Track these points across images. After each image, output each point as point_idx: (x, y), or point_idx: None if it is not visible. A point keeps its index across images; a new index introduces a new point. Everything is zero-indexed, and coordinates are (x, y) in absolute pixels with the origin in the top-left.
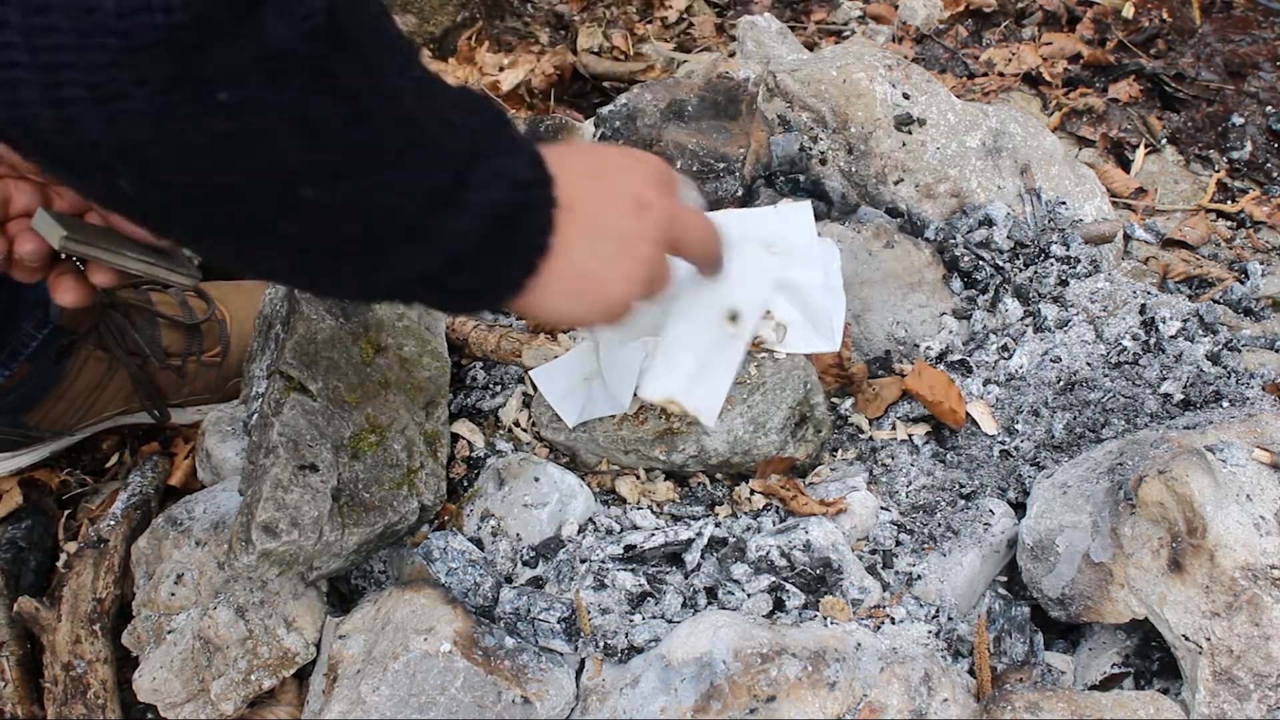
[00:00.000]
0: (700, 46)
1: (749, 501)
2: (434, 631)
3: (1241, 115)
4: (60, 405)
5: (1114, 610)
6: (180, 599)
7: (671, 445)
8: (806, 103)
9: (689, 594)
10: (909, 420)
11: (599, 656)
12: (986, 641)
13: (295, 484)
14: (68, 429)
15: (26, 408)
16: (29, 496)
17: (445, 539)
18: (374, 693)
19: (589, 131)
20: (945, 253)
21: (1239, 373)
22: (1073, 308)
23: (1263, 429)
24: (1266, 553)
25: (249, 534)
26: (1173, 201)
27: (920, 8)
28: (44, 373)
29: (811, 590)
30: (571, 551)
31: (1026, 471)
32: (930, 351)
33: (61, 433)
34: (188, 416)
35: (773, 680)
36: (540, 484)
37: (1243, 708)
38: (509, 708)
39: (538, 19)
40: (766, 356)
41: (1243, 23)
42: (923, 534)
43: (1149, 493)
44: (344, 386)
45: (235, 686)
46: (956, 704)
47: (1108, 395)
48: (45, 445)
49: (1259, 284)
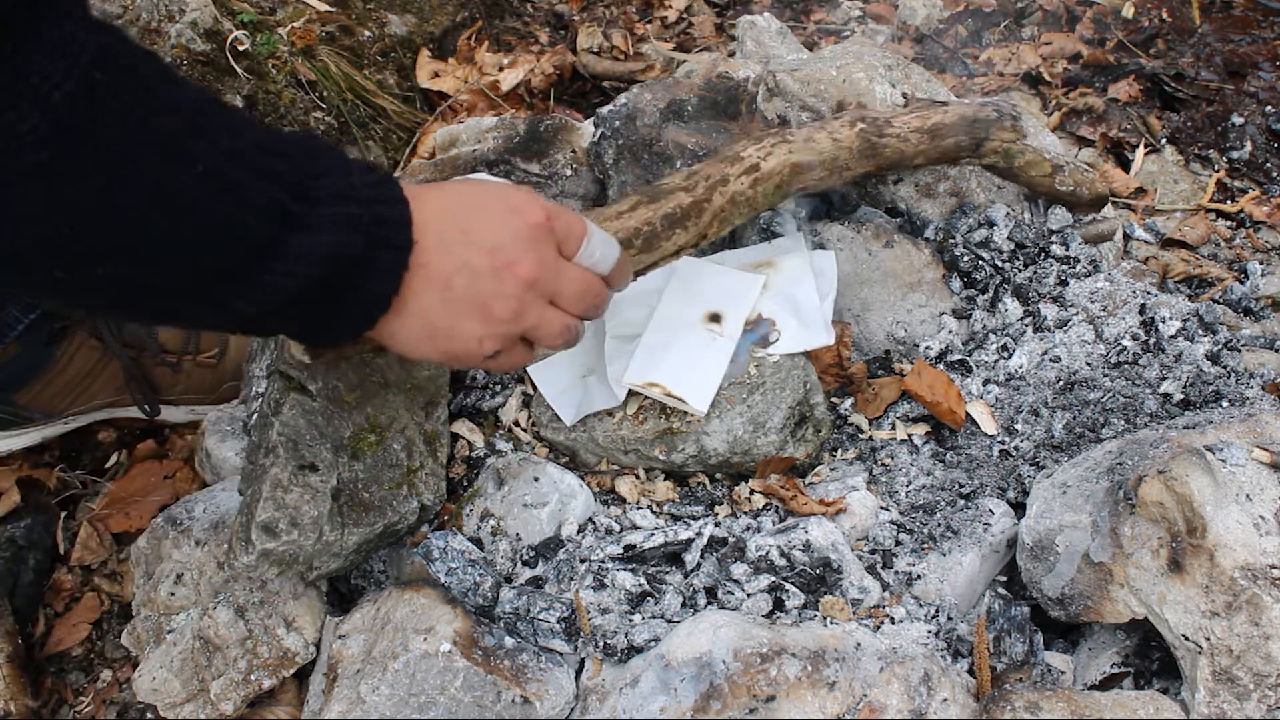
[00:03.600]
0: (700, 46)
1: (749, 501)
2: (434, 631)
3: (1241, 115)
4: (50, 389)
5: (1114, 610)
6: (180, 599)
7: (671, 445)
8: (806, 102)
9: (689, 594)
10: (909, 420)
11: (599, 656)
12: (986, 641)
13: (295, 484)
14: (58, 413)
15: (15, 387)
16: (28, 496)
17: (445, 539)
18: (374, 692)
19: (589, 131)
20: (945, 252)
21: (1239, 373)
22: (1072, 308)
23: (1262, 429)
24: (1266, 552)
25: (249, 534)
26: (1172, 201)
27: (920, 7)
28: (34, 354)
29: (811, 590)
30: (571, 551)
31: (1026, 471)
32: (930, 351)
33: (52, 416)
34: (179, 415)
35: (772, 680)
36: (540, 484)
37: (1242, 707)
38: (509, 707)
39: (537, 19)
40: (766, 357)
41: (1243, 23)
42: (922, 534)
43: (1149, 492)
44: (344, 386)
45: (235, 686)
46: (956, 704)
47: (1107, 395)
48: (37, 429)
49: (1259, 284)
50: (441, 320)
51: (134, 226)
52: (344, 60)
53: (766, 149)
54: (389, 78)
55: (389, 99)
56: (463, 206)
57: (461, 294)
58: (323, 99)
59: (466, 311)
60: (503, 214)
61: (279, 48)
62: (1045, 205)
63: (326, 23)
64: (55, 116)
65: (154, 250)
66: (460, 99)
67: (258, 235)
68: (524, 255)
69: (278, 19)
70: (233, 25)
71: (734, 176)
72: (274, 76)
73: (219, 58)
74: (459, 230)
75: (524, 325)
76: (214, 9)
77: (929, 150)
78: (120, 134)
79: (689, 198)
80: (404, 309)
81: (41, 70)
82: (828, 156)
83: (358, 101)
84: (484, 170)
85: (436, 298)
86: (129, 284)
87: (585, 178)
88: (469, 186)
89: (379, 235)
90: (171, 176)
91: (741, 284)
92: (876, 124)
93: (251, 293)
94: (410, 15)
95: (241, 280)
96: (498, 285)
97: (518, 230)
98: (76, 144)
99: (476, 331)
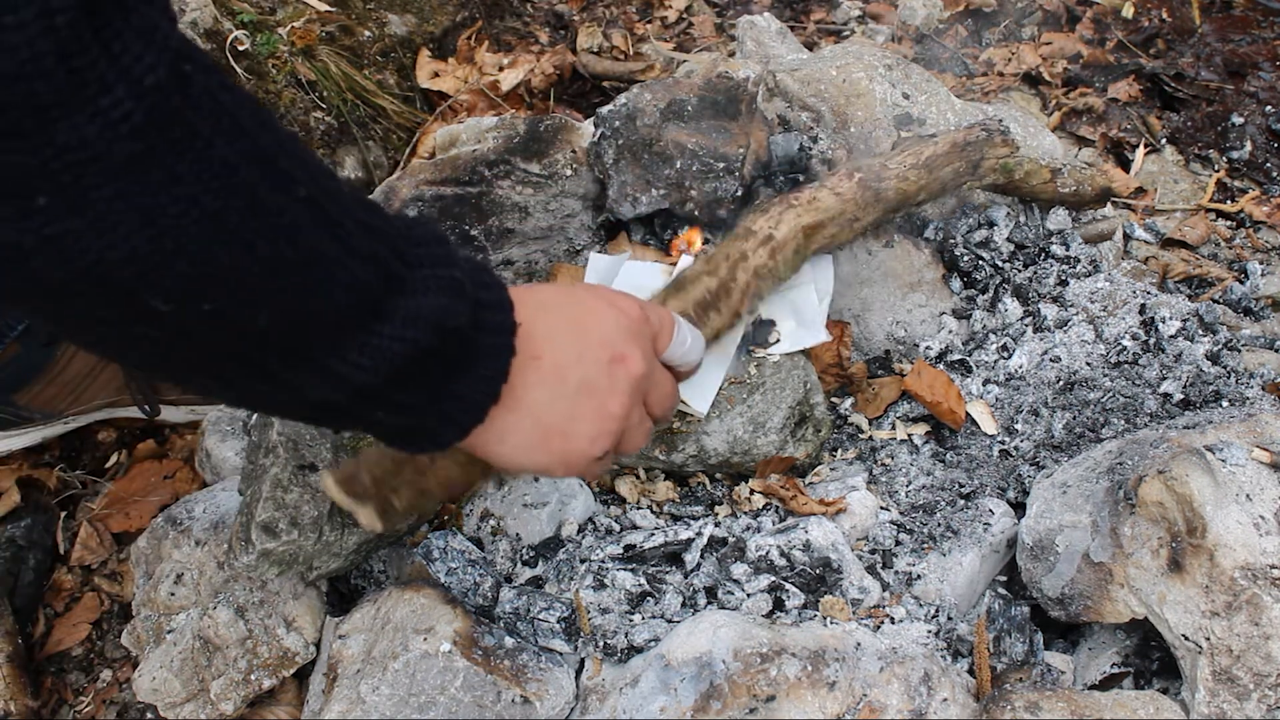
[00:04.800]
0: (700, 46)
1: (749, 501)
2: (434, 631)
3: (1241, 115)
4: (50, 389)
5: (1114, 610)
6: (180, 599)
7: (671, 445)
8: (806, 102)
9: (689, 594)
10: (909, 420)
11: (599, 656)
12: (986, 641)
13: (295, 484)
14: (58, 413)
15: (15, 387)
16: (28, 496)
17: (445, 539)
18: (374, 692)
19: (589, 131)
20: (945, 252)
21: (1239, 372)
22: (1072, 308)
23: (1262, 429)
24: (1266, 552)
25: (249, 534)
26: (1172, 201)
27: (920, 7)
28: (34, 354)
29: (811, 590)
30: (571, 551)
31: (1026, 471)
32: (930, 351)
33: (52, 416)
34: (179, 415)
35: (772, 680)
36: (540, 484)
37: (1242, 707)
38: (509, 707)
39: (537, 19)
40: (766, 357)
41: (1243, 23)
42: (922, 534)
43: (1149, 492)
44: None
45: (235, 686)
46: (956, 704)
47: (1107, 395)
48: (37, 429)
49: (1259, 284)
50: (556, 419)
51: (239, 247)
52: (344, 60)
53: (775, 218)
54: (389, 78)
55: (389, 99)
56: (563, 299)
57: (576, 389)
58: (323, 99)
59: (582, 409)
60: (604, 308)
61: (279, 48)
62: (1046, 207)
63: (326, 23)
64: (150, 103)
65: (259, 281)
66: (460, 99)
67: (363, 282)
68: (633, 349)
69: (278, 19)
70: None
71: (752, 251)
72: (274, 76)
73: (219, 58)
74: (567, 320)
75: (629, 425)
76: (214, 9)
77: (930, 184)
78: (216, 134)
79: (715, 281)
80: (516, 403)
81: (134, 52)
82: (836, 212)
83: (358, 101)
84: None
85: (550, 392)
86: (228, 329)
87: (585, 178)
88: (561, 284)
89: (483, 309)
90: (275, 197)
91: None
92: (874, 170)
93: (356, 357)
94: (410, 15)
95: (346, 336)
96: (612, 380)
97: (620, 323)
98: (174, 139)
99: (591, 430)
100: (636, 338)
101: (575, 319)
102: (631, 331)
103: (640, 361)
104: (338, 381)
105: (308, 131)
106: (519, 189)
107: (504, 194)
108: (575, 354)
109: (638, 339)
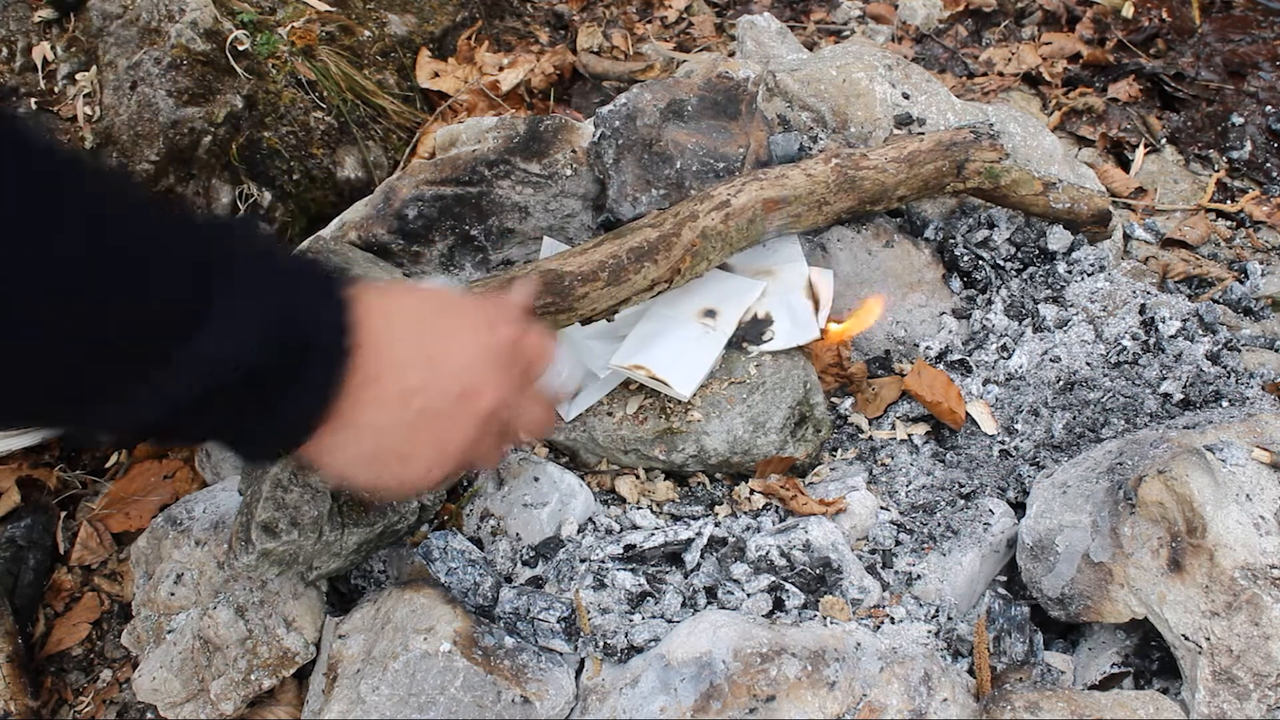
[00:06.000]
0: (700, 46)
1: (749, 501)
2: (434, 631)
3: (1241, 115)
4: None
5: (1114, 610)
6: (180, 599)
7: (671, 445)
8: (806, 102)
9: (689, 594)
10: (909, 420)
11: (599, 656)
12: (986, 641)
13: (295, 484)
14: None
15: None
16: (28, 496)
17: (445, 539)
18: (374, 692)
19: (589, 131)
20: (945, 252)
21: (1239, 372)
22: (1072, 308)
23: (1262, 429)
24: (1266, 552)
25: (249, 534)
26: (1172, 201)
27: (920, 7)
28: None
29: (811, 590)
30: (571, 551)
31: (1026, 471)
32: (930, 351)
33: None
34: None
35: (772, 680)
36: (540, 484)
37: (1242, 707)
38: (509, 707)
39: (537, 19)
40: (766, 357)
41: (1243, 23)
42: (922, 534)
43: (1149, 492)
44: None
45: (235, 686)
46: (956, 704)
47: (1107, 395)
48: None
49: (1259, 284)
50: (393, 443)
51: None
52: (344, 60)
53: (737, 187)
54: (389, 78)
55: (389, 99)
56: (425, 323)
57: (417, 416)
58: (322, 99)
59: (422, 436)
60: (468, 336)
61: (279, 47)
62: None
63: (326, 23)
64: None
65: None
66: (460, 99)
67: (152, 319)
68: (489, 382)
69: (278, 19)
70: (233, 25)
71: (704, 213)
72: (274, 76)
73: (219, 58)
74: (420, 347)
75: (472, 456)
76: (214, 9)
77: (910, 179)
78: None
79: (655, 232)
80: (348, 423)
81: None
82: (803, 191)
83: (358, 101)
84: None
85: (389, 417)
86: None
87: (585, 178)
88: (425, 302)
89: (315, 330)
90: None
91: (742, 286)
92: (853, 158)
93: (148, 393)
94: (410, 15)
95: (143, 368)
96: (456, 414)
97: (482, 354)
98: None
99: (429, 458)
100: (498, 369)
101: (429, 345)
102: (493, 363)
103: (494, 395)
104: (135, 412)
105: (308, 131)
106: (519, 189)
107: (504, 194)
108: (420, 382)
109: (499, 370)
